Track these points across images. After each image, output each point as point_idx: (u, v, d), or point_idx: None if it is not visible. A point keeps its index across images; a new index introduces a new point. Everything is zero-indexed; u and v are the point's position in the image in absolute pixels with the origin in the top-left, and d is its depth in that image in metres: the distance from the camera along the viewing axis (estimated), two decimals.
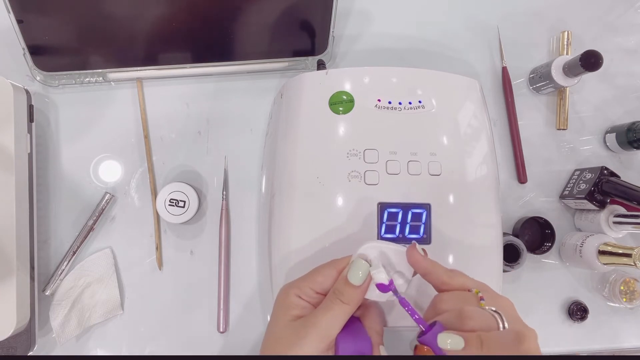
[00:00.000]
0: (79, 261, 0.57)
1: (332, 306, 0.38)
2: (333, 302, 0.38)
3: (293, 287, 0.40)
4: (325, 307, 0.38)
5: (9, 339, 0.51)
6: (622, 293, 0.62)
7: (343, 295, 0.38)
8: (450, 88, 0.53)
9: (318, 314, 0.38)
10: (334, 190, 0.48)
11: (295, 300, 0.40)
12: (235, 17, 0.54)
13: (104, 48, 0.56)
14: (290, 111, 0.52)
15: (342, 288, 0.38)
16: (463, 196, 0.50)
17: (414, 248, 0.39)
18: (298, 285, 0.40)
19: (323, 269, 0.40)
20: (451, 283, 0.38)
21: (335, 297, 0.38)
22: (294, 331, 0.38)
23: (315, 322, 0.37)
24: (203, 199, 0.60)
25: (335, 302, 0.38)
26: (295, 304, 0.39)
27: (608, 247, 0.57)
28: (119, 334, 0.58)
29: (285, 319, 0.39)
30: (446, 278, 0.38)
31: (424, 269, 0.39)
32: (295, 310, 0.39)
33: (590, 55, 0.58)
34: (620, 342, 0.64)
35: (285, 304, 0.40)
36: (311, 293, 0.40)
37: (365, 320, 0.41)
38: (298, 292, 0.40)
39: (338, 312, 0.38)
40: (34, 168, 0.55)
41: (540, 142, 0.66)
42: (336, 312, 0.38)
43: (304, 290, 0.40)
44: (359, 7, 0.65)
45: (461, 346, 0.32)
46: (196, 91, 0.61)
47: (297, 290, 0.40)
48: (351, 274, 0.38)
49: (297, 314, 0.39)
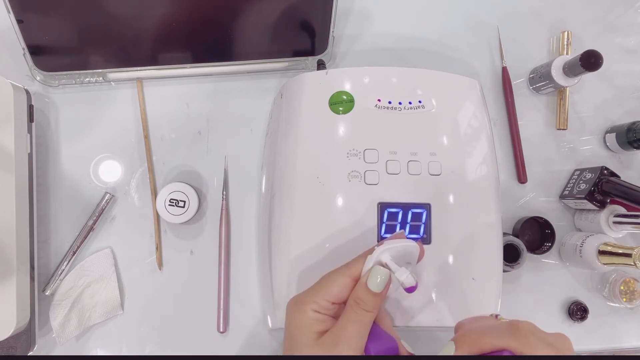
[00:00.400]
0: (79, 261, 0.57)
1: (357, 317, 0.37)
2: (357, 312, 0.37)
3: (307, 302, 0.39)
4: (351, 318, 0.37)
5: (9, 339, 0.51)
6: (622, 293, 0.62)
7: (366, 304, 0.37)
8: (450, 88, 0.53)
9: (346, 327, 0.37)
10: (334, 190, 0.48)
11: (315, 316, 0.38)
12: (235, 17, 0.54)
13: (104, 48, 0.56)
14: (290, 111, 0.52)
15: (363, 296, 0.37)
16: (463, 196, 0.50)
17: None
18: (313, 300, 0.39)
19: (337, 278, 0.39)
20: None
21: (358, 307, 0.37)
22: (325, 349, 0.37)
23: (346, 337, 0.36)
24: (203, 199, 0.60)
25: (359, 312, 0.37)
26: (316, 320, 0.38)
27: (608, 247, 0.57)
28: (119, 334, 0.58)
29: (310, 338, 0.38)
30: None
31: None
32: (318, 326, 0.38)
33: (590, 55, 0.58)
34: (620, 342, 0.64)
35: (304, 322, 0.38)
36: (328, 305, 0.39)
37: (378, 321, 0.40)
38: (315, 307, 0.38)
39: (364, 322, 0.37)
40: (34, 168, 0.55)
41: (540, 142, 0.66)
42: (362, 322, 0.37)
43: (321, 303, 0.38)
44: (359, 7, 0.65)
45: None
46: (196, 91, 0.61)
47: (314, 305, 0.38)
48: (371, 281, 0.37)
49: (320, 329, 0.38)
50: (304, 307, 0.39)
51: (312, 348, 0.37)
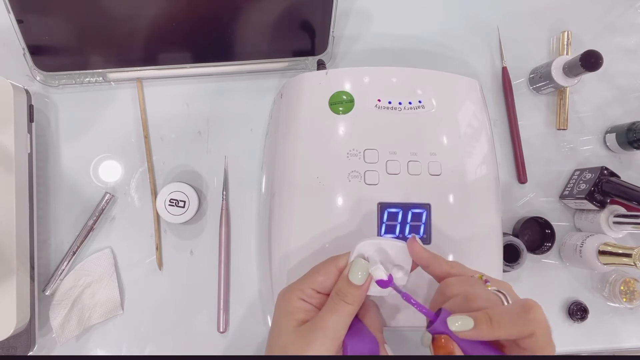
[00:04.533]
0: (79, 261, 0.57)
1: (336, 308, 0.38)
2: (337, 304, 0.38)
3: (294, 290, 0.40)
4: (330, 309, 0.38)
5: (9, 339, 0.51)
6: (622, 293, 0.62)
7: (346, 296, 0.38)
8: (450, 88, 0.53)
9: (324, 317, 0.37)
10: (334, 190, 0.48)
11: (299, 304, 0.39)
12: (235, 17, 0.54)
13: (104, 48, 0.56)
14: (290, 111, 0.52)
15: (344, 289, 0.38)
16: (463, 196, 0.50)
17: (415, 240, 0.39)
18: (299, 288, 0.39)
19: (323, 267, 0.40)
20: (452, 272, 0.39)
21: (338, 299, 0.38)
22: (302, 336, 0.37)
23: (323, 326, 0.37)
24: (203, 199, 0.60)
25: (339, 304, 0.38)
26: (299, 308, 0.39)
27: (608, 247, 0.57)
28: (119, 334, 0.58)
29: (290, 325, 0.38)
30: (448, 268, 0.39)
31: (425, 260, 0.39)
32: (300, 315, 0.39)
33: (590, 55, 0.58)
34: (620, 342, 0.65)
35: (288, 309, 0.39)
36: (313, 294, 0.39)
37: (365, 320, 0.41)
38: (300, 294, 0.39)
39: (343, 313, 0.37)
40: (34, 168, 0.55)
41: (540, 142, 0.66)
42: (342, 313, 0.37)
43: (306, 291, 0.39)
44: (359, 7, 0.65)
45: (471, 325, 0.33)
46: (196, 91, 0.61)
47: (299, 293, 0.39)
48: (352, 274, 0.38)
49: (303, 318, 0.39)
50: (290, 295, 0.39)
51: (289, 335, 0.38)
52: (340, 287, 0.38)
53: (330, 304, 0.38)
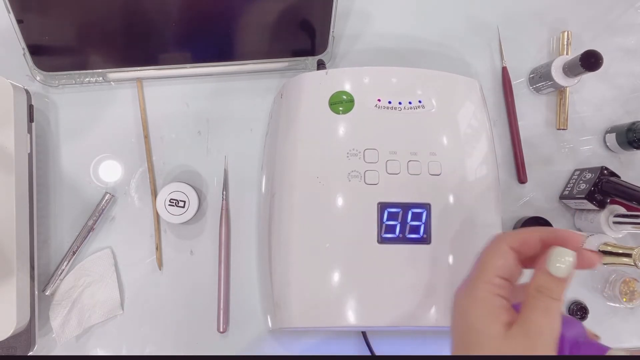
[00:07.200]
0: (79, 261, 0.57)
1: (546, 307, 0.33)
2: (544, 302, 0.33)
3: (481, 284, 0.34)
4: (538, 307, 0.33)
5: (9, 339, 0.50)
6: (622, 293, 0.62)
7: (552, 291, 0.33)
8: (450, 88, 0.53)
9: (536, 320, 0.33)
10: (334, 190, 0.48)
11: (498, 302, 0.34)
12: (235, 17, 0.54)
13: (104, 48, 0.56)
14: (290, 111, 0.52)
15: (548, 284, 0.33)
16: (463, 196, 0.50)
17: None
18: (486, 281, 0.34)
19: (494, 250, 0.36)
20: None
21: (544, 296, 0.33)
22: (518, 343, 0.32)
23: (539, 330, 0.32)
24: (203, 199, 0.60)
25: (546, 301, 0.33)
26: (500, 307, 0.34)
27: (608, 247, 0.57)
28: (119, 334, 0.58)
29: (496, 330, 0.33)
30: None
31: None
32: (503, 316, 0.34)
33: (590, 55, 0.58)
34: (620, 342, 0.64)
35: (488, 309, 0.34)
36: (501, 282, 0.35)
37: None
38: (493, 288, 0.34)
39: (555, 312, 0.33)
40: (34, 168, 0.55)
41: (540, 142, 0.66)
42: (553, 312, 0.33)
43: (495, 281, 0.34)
44: (359, 7, 0.65)
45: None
46: (196, 91, 0.61)
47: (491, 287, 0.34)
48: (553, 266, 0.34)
49: (506, 320, 0.33)
50: (483, 294, 0.34)
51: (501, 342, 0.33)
52: (541, 283, 0.34)
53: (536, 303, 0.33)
